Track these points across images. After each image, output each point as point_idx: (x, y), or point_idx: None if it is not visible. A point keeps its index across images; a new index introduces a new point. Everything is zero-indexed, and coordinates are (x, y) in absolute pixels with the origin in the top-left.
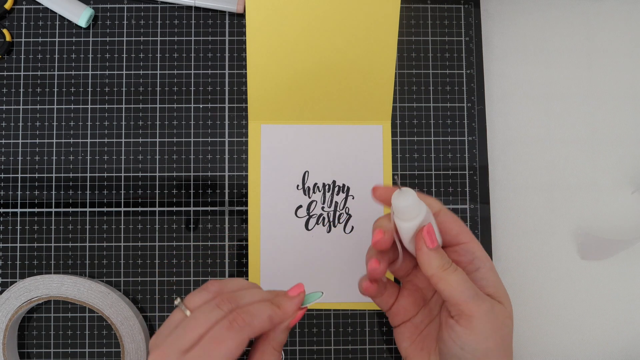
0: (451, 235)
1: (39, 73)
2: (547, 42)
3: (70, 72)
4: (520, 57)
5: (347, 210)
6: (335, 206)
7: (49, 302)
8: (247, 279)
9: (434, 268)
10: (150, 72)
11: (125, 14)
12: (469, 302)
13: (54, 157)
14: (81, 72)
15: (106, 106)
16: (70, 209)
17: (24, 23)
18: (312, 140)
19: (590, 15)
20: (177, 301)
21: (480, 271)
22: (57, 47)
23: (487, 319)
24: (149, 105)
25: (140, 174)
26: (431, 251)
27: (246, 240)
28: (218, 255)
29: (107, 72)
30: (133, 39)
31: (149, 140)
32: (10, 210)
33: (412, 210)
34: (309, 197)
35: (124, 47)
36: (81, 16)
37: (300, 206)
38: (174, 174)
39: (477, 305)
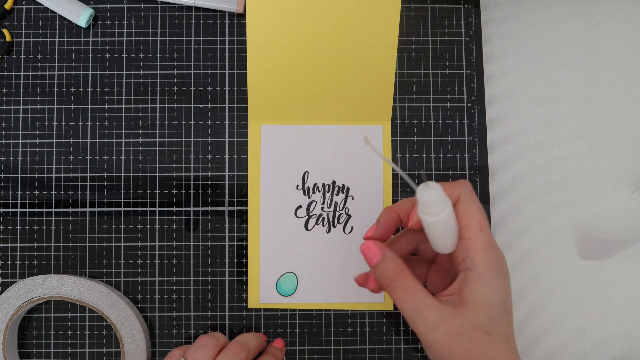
0: (461, 227)
1: (39, 73)
2: (547, 42)
3: (70, 72)
4: (520, 57)
5: (346, 211)
6: (335, 206)
7: (49, 302)
8: (247, 278)
9: (382, 283)
10: (150, 72)
11: (125, 14)
12: (411, 322)
13: (54, 157)
14: (81, 72)
15: (106, 106)
16: (70, 209)
17: (24, 23)
18: (312, 140)
19: (590, 15)
20: None
21: (467, 272)
22: (57, 47)
23: (429, 338)
24: (149, 105)
25: (140, 174)
26: (374, 268)
27: (246, 240)
28: (218, 255)
29: (107, 72)
30: (133, 39)
31: (149, 140)
32: (10, 210)
33: (438, 205)
34: (309, 198)
35: (124, 47)
36: (81, 16)
37: (300, 206)
38: (174, 174)
39: (417, 323)
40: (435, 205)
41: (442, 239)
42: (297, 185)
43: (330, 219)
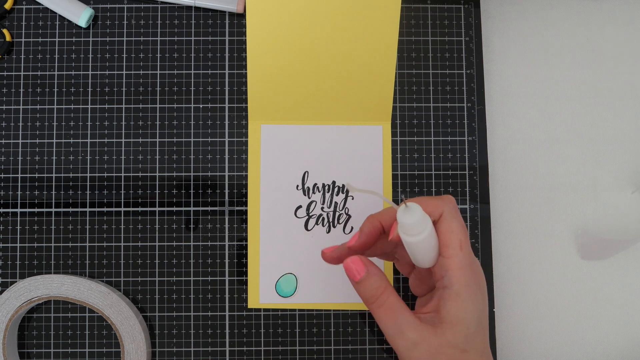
0: (441, 245)
1: (39, 73)
2: (547, 42)
3: (70, 72)
4: (520, 57)
5: (346, 211)
6: (335, 206)
7: (49, 302)
8: (247, 278)
9: (365, 300)
10: (150, 72)
11: (125, 14)
12: (391, 339)
13: (54, 157)
14: (81, 72)
15: (106, 106)
16: (70, 209)
17: (24, 23)
18: (312, 140)
19: (590, 15)
20: None
21: (445, 290)
22: (57, 47)
23: (408, 356)
24: (149, 105)
25: (140, 174)
26: (357, 284)
27: (246, 240)
28: (218, 255)
29: (107, 72)
30: (133, 39)
31: (149, 140)
32: (10, 210)
33: (418, 227)
34: (309, 198)
35: (124, 47)
36: (81, 16)
37: (300, 206)
38: (174, 174)
39: (397, 341)
40: (415, 227)
41: (421, 256)
42: (297, 186)
43: (330, 219)
